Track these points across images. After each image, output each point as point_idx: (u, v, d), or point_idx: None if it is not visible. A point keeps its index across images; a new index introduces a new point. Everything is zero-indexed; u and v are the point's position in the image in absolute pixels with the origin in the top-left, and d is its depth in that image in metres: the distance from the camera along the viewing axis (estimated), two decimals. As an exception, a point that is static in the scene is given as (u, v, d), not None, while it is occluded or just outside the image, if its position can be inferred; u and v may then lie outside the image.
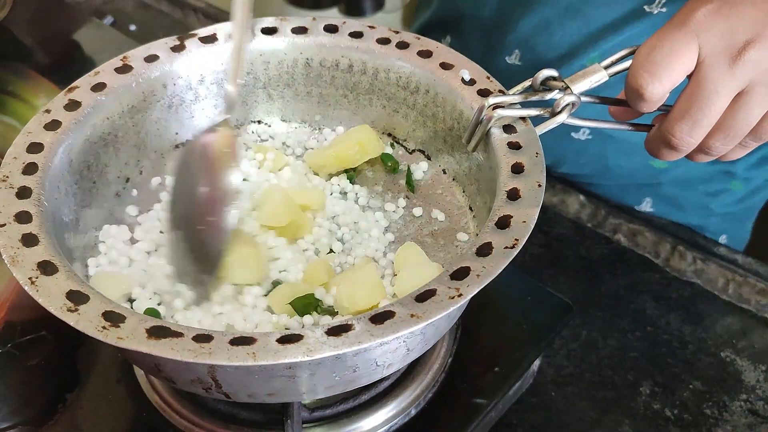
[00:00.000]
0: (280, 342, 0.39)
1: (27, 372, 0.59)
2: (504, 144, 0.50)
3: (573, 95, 0.50)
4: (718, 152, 0.52)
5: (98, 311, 0.41)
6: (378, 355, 0.44)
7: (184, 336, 0.39)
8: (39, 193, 0.48)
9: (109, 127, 0.57)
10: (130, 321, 0.40)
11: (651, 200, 0.84)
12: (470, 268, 0.42)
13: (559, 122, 0.51)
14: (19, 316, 0.62)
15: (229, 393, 0.45)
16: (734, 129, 0.50)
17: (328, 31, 0.61)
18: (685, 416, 0.61)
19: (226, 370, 0.42)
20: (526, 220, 0.45)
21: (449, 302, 0.41)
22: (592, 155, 0.82)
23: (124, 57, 0.59)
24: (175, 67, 0.60)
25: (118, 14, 1.08)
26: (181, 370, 0.44)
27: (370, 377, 0.47)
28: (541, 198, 0.47)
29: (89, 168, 0.56)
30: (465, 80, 0.56)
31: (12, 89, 0.89)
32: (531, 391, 0.62)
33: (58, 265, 0.44)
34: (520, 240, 0.44)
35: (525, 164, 0.49)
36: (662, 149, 0.53)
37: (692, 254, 0.73)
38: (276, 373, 0.43)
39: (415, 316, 0.40)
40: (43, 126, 0.53)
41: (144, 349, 0.39)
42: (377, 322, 0.40)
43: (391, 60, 0.59)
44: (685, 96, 0.49)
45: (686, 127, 0.50)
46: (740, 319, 0.68)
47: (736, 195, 0.85)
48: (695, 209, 0.84)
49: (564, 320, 0.62)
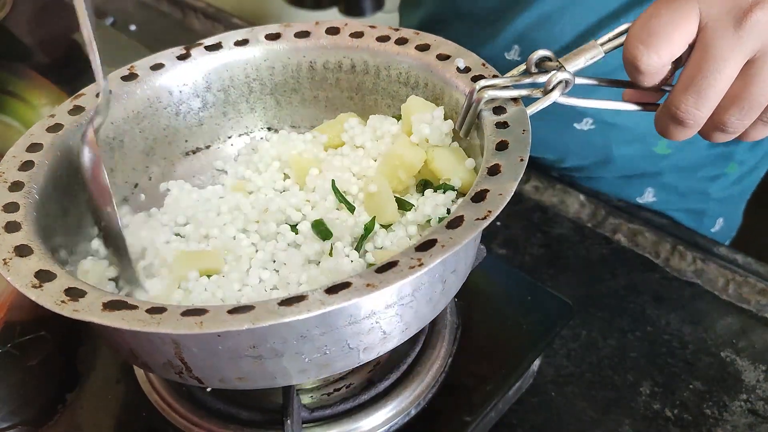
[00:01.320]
0: (230, 312, 0.39)
1: (27, 372, 0.59)
2: (492, 124, 0.49)
3: (566, 72, 0.48)
4: (735, 128, 0.48)
5: (61, 288, 0.42)
6: (349, 336, 0.43)
7: (138, 308, 0.40)
8: (31, 187, 0.50)
9: (114, 131, 0.58)
10: (90, 296, 0.41)
11: (653, 190, 0.84)
12: (437, 239, 0.41)
13: (551, 101, 0.49)
14: (19, 316, 0.62)
15: (200, 377, 0.44)
16: (749, 101, 0.46)
17: (329, 34, 0.61)
18: (685, 416, 0.61)
19: (192, 351, 0.42)
20: (503, 193, 0.43)
21: (409, 272, 0.39)
22: (596, 146, 0.82)
23: (131, 66, 0.60)
24: (180, 74, 0.60)
25: (118, 14, 1.08)
26: (151, 353, 0.44)
27: (346, 362, 0.45)
28: (521, 172, 0.45)
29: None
30: (460, 68, 0.55)
31: (12, 89, 0.89)
32: (531, 391, 0.62)
33: (34, 249, 0.45)
34: (493, 211, 0.42)
35: (510, 141, 0.47)
36: (670, 125, 0.49)
37: (692, 254, 0.73)
38: (241, 352, 0.42)
39: (370, 285, 0.39)
40: (45, 129, 0.54)
41: (96, 320, 0.39)
42: (332, 292, 0.39)
43: (391, 56, 0.59)
44: (689, 66, 0.46)
45: (692, 99, 0.46)
46: (740, 319, 0.68)
47: (732, 177, 0.85)
48: (695, 195, 0.85)
49: (564, 320, 0.62)
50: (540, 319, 0.61)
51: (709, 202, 0.85)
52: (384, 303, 0.43)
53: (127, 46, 0.60)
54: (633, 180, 0.84)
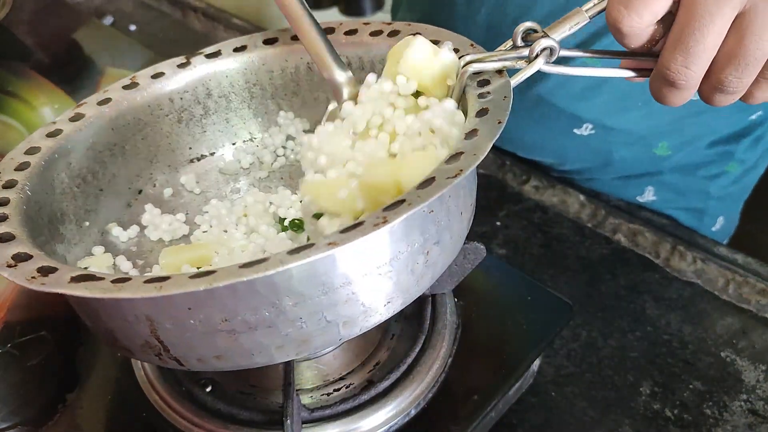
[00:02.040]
0: (191, 277, 0.38)
1: (27, 372, 0.59)
2: (475, 96, 0.48)
3: (549, 39, 0.47)
4: (734, 87, 0.46)
5: (35, 266, 0.42)
6: (324, 308, 0.42)
7: (104, 279, 0.40)
8: (24, 184, 0.50)
9: (115, 137, 0.58)
10: (60, 272, 0.41)
11: (653, 189, 0.84)
12: (405, 199, 0.40)
13: (536, 68, 0.47)
14: (18, 317, 0.62)
15: (178, 358, 0.44)
16: (744, 57, 0.44)
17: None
18: (685, 416, 0.61)
19: (166, 328, 0.42)
20: (477, 152, 0.42)
21: (372, 229, 0.38)
22: (596, 150, 0.82)
23: (133, 77, 0.61)
24: (180, 81, 0.61)
25: (118, 14, 1.08)
26: (128, 334, 0.44)
27: (325, 337, 0.44)
28: (498, 132, 0.43)
29: (95, 175, 0.57)
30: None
31: (12, 89, 0.89)
32: (531, 391, 0.62)
33: (16, 235, 0.45)
34: (465, 170, 0.41)
35: (490, 108, 0.46)
36: (663, 88, 0.47)
37: (692, 254, 0.73)
38: (214, 327, 0.42)
39: (332, 243, 0.38)
40: (45, 134, 0.55)
41: (60, 290, 0.39)
42: (294, 252, 0.38)
43: (383, 49, 0.59)
44: (676, 24, 0.44)
45: (680, 57, 0.44)
46: (740, 319, 0.68)
47: (732, 176, 0.85)
48: (696, 194, 0.85)
49: (564, 320, 0.62)
50: (540, 319, 0.61)
51: (710, 201, 0.85)
52: (359, 271, 0.42)
53: (127, 46, 0.60)
54: (633, 179, 0.84)
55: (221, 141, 0.64)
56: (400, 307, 0.46)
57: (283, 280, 0.41)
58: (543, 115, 0.80)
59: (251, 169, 0.64)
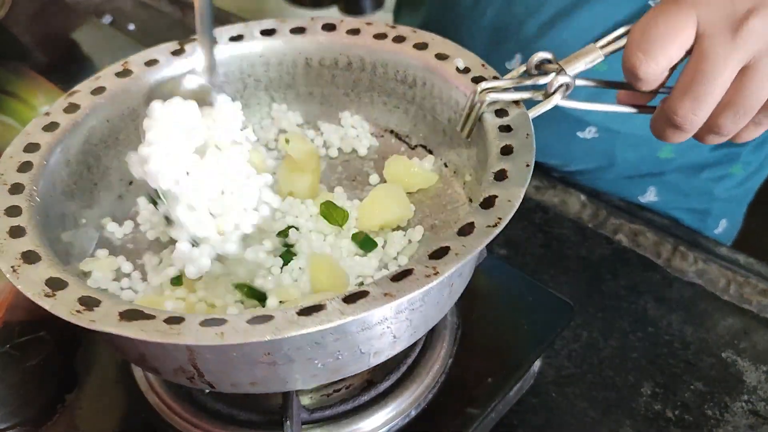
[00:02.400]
0: (250, 323, 0.38)
1: (26, 372, 0.59)
2: (495, 128, 0.49)
3: (567, 76, 0.49)
4: (728, 131, 0.49)
5: (75, 296, 0.41)
6: (361, 342, 0.44)
7: (155, 318, 0.39)
8: (31, 189, 0.49)
9: (109, 129, 0.57)
10: (104, 305, 0.40)
11: (655, 189, 0.84)
12: (449, 247, 0.41)
13: (553, 104, 0.49)
14: (18, 317, 0.62)
15: (212, 382, 0.44)
16: (743, 106, 0.47)
17: (326, 30, 0.61)
18: (686, 417, 0.61)
19: (207, 358, 0.42)
20: (511, 199, 0.44)
21: (425, 280, 0.40)
22: (600, 152, 0.81)
23: (124, 62, 0.59)
24: (174, 71, 0.60)
25: (117, 13, 1.08)
26: (163, 359, 0.44)
27: (356, 366, 0.46)
28: (528, 177, 0.45)
29: (89, 169, 0.56)
30: (459, 69, 0.55)
31: (11, 89, 0.89)
32: (532, 391, 0.62)
33: (41, 255, 0.44)
34: (503, 218, 0.43)
35: (515, 146, 0.48)
36: (667, 129, 0.50)
37: (693, 254, 0.73)
38: (255, 359, 0.42)
39: (388, 294, 0.39)
40: (41, 128, 0.54)
41: (114, 331, 0.39)
42: (350, 301, 0.39)
43: (388, 54, 0.59)
44: (687, 71, 0.47)
45: (689, 104, 0.47)
46: (742, 320, 0.68)
47: (737, 179, 0.85)
48: (699, 195, 0.84)
49: (565, 321, 0.62)
50: (541, 319, 0.61)
51: (714, 203, 0.85)
52: (396, 309, 0.44)
53: (126, 45, 0.60)
54: (635, 179, 0.84)
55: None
56: (422, 335, 0.48)
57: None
58: (547, 117, 0.80)
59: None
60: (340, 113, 0.63)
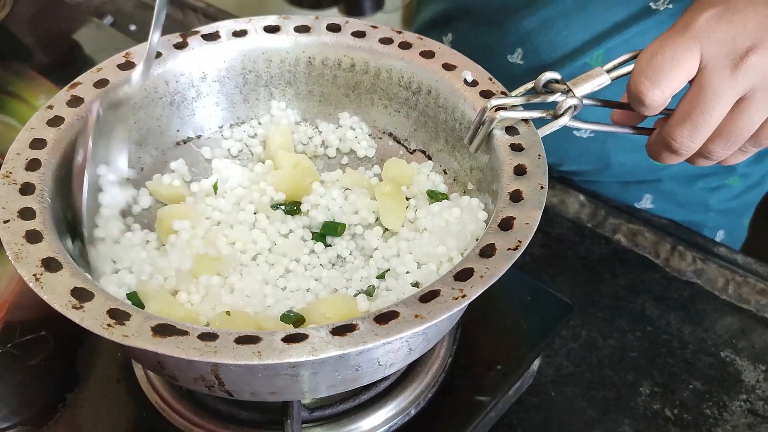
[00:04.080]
0: (285, 341, 0.39)
1: (27, 372, 0.59)
2: (507, 146, 0.51)
3: (575, 98, 0.51)
4: (718, 157, 0.52)
5: (103, 309, 0.41)
6: (381, 355, 0.45)
7: (189, 334, 0.39)
8: (42, 190, 0.49)
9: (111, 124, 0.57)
10: (135, 318, 0.40)
11: (651, 197, 0.84)
12: (474, 269, 0.43)
13: (561, 125, 0.52)
14: (19, 316, 0.62)
15: (231, 391, 0.45)
16: (735, 134, 0.50)
17: (330, 30, 0.61)
18: (684, 416, 0.61)
19: (230, 369, 0.42)
20: (529, 222, 0.46)
21: (453, 303, 0.41)
22: (594, 153, 0.82)
23: (126, 53, 0.59)
24: (178, 64, 0.60)
25: (118, 14, 1.08)
26: (184, 368, 0.44)
27: (372, 376, 0.47)
28: (544, 200, 0.47)
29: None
30: (467, 81, 0.56)
31: (12, 89, 0.89)
32: (531, 390, 0.62)
33: (62, 262, 0.44)
34: (523, 242, 0.44)
35: (528, 166, 0.49)
36: (663, 153, 0.53)
37: (692, 254, 0.73)
38: (279, 372, 0.43)
39: (419, 316, 0.40)
40: (45, 122, 0.53)
41: (150, 347, 0.39)
42: (381, 322, 0.40)
43: (394, 60, 0.59)
44: (687, 100, 0.49)
45: (687, 132, 0.50)
46: (740, 319, 0.68)
47: (734, 190, 0.85)
48: (694, 205, 0.85)
49: (564, 320, 0.62)
50: (540, 319, 0.61)
51: (709, 213, 0.85)
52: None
53: (127, 46, 0.60)
54: (631, 186, 0.84)
55: (208, 125, 0.63)
56: (432, 345, 0.50)
57: None
58: None
59: (240, 157, 0.63)
60: (339, 113, 0.64)
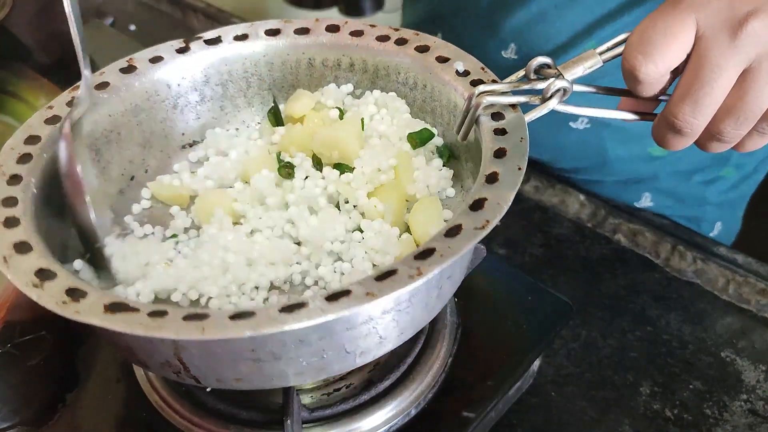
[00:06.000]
0: (232, 318, 0.39)
1: (27, 372, 0.59)
2: (491, 131, 0.49)
3: (564, 80, 0.48)
4: (731, 138, 0.48)
5: (62, 288, 0.42)
6: (346, 341, 0.44)
7: (139, 311, 0.40)
8: (29, 181, 0.50)
9: (111, 124, 0.58)
10: (90, 297, 0.41)
11: (650, 195, 0.84)
12: (435, 248, 0.41)
13: (550, 108, 0.49)
14: (18, 316, 0.62)
15: (198, 377, 0.45)
16: (744, 111, 0.46)
17: (329, 31, 0.61)
18: (685, 416, 0.61)
19: (191, 352, 0.43)
20: (501, 202, 0.44)
21: (408, 281, 0.40)
22: (591, 146, 0.82)
23: (130, 59, 0.60)
24: (179, 68, 0.60)
25: (118, 14, 1.08)
26: (150, 353, 0.45)
27: (341, 365, 0.46)
28: (519, 181, 0.45)
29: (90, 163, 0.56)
30: (459, 72, 0.55)
31: (12, 89, 0.89)
32: (531, 391, 0.62)
33: (33, 245, 0.45)
34: (491, 221, 0.42)
35: (508, 149, 0.47)
36: (667, 134, 0.50)
37: (692, 254, 0.73)
38: (239, 355, 0.42)
39: (370, 294, 0.39)
40: (43, 120, 0.54)
41: (97, 323, 0.39)
42: (332, 300, 0.39)
43: (390, 56, 0.59)
44: (686, 74, 0.47)
45: (688, 108, 0.47)
46: (740, 319, 0.68)
47: (730, 181, 0.85)
48: (693, 199, 0.85)
49: (564, 320, 0.62)
50: (540, 319, 0.61)
51: (707, 207, 0.86)
52: (381, 309, 0.44)
53: (127, 46, 0.60)
54: (630, 185, 0.84)
55: (214, 128, 0.63)
56: (410, 335, 0.48)
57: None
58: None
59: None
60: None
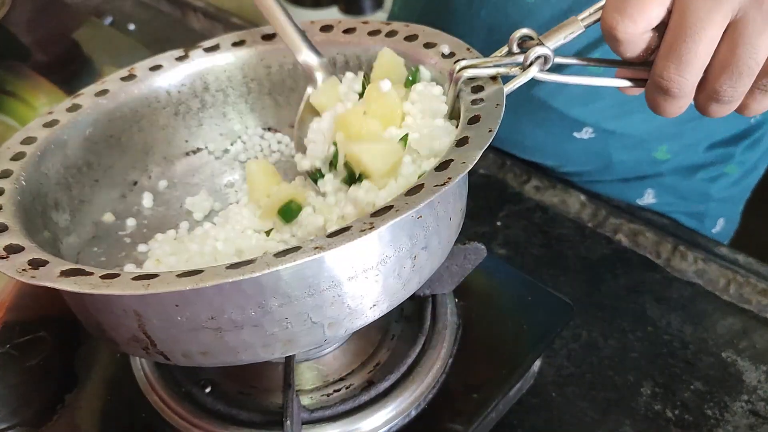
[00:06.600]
0: (179, 276, 0.39)
1: (26, 373, 0.59)
2: (468, 102, 0.48)
3: (544, 47, 0.47)
4: (729, 97, 0.46)
5: (26, 258, 0.42)
6: (310, 309, 0.43)
7: (93, 275, 0.40)
8: (19, 174, 0.51)
9: (111, 129, 0.59)
10: (51, 265, 0.41)
11: (653, 191, 0.84)
12: (393, 205, 0.40)
13: (530, 76, 0.47)
14: (18, 317, 0.62)
15: (165, 352, 0.45)
16: (738, 66, 0.44)
17: (323, 32, 0.61)
18: (686, 417, 0.61)
19: (154, 324, 0.43)
20: (466, 161, 0.42)
21: (359, 235, 0.39)
22: (596, 153, 0.82)
23: (131, 68, 0.61)
24: (178, 75, 0.61)
25: (118, 14, 1.08)
26: (116, 327, 0.45)
27: (310, 337, 0.44)
28: (488, 141, 0.44)
29: (90, 166, 0.58)
30: (445, 54, 0.54)
31: (11, 89, 0.89)
32: (531, 391, 0.62)
33: (9, 226, 0.46)
34: (453, 178, 0.41)
35: (482, 115, 0.46)
36: (658, 98, 0.47)
37: (693, 254, 0.73)
38: (199, 324, 0.42)
39: (318, 248, 0.39)
40: (42, 124, 0.56)
41: (48, 284, 0.40)
42: (280, 255, 0.39)
43: (380, 49, 0.59)
44: (668, 31, 0.44)
45: (673, 65, 0.44)
46: (741, 320, 0.68)
47: (733, 178, 0.85)
48: (696, 196, 0.85)
49: (564, 320, 0.62)
50: (540, 319, 0.61)
51: (710, 203, 0.85)
52: (345, 274, 0.43)
53: (126, 46, 0.60)
54: (632, 182, 0.84)
55: (217, 134, 0.64)
56: (386, 311, 0.46)
57: (269, 281, 0.41)
58: (543, 118, 0.80)
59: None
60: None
